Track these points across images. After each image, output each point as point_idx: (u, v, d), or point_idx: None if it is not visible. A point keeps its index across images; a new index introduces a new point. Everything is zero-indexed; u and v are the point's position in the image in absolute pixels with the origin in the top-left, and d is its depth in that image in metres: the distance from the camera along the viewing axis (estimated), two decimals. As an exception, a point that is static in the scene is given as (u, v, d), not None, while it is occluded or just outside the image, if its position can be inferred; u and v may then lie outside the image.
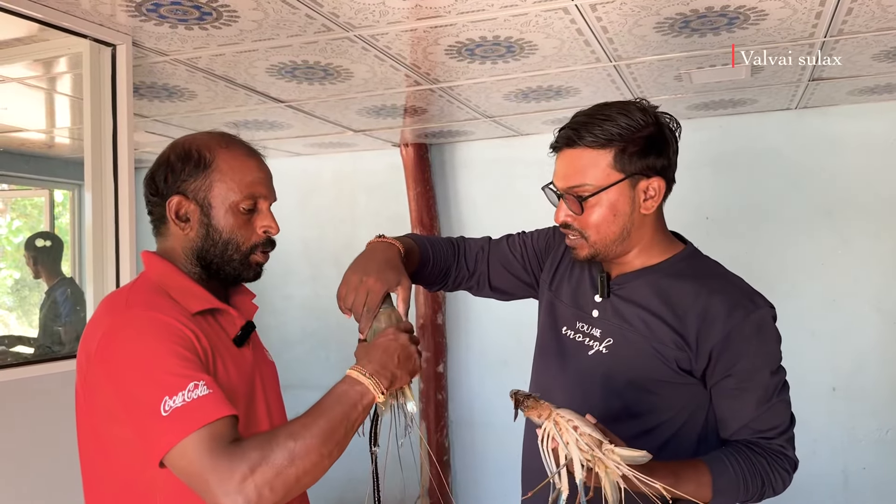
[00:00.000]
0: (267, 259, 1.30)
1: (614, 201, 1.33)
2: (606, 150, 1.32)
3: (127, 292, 1.20)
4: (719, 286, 1.36)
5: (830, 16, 2.05)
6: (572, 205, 1.35)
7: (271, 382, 1.34)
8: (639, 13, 2.00)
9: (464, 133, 3.73)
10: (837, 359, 3.37)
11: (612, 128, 1.31)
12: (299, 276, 4.32)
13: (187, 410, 1.03)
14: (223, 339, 1.23)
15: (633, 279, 1.41)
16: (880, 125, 3.29)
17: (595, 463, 1.05)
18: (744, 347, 1.31)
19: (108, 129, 2.05)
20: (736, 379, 1.32)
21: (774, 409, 1.35)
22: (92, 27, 1.96)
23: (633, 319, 1.38)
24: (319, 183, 4.30)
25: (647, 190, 1.34)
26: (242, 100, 2.82)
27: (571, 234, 1.39)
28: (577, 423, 1.08)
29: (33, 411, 1.93)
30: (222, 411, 1.05)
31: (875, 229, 3.32)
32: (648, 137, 1.33)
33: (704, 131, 3.53)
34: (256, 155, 1.29)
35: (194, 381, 1.05)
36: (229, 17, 1.94)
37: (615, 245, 1.37)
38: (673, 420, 1.37)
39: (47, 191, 4.37)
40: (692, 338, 1.32)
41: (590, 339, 1.42)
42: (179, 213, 1.23)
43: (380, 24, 2.02)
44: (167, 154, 1.26)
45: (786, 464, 1.36)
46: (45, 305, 3.82)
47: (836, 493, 3.37)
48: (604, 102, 1.39)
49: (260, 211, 1.26)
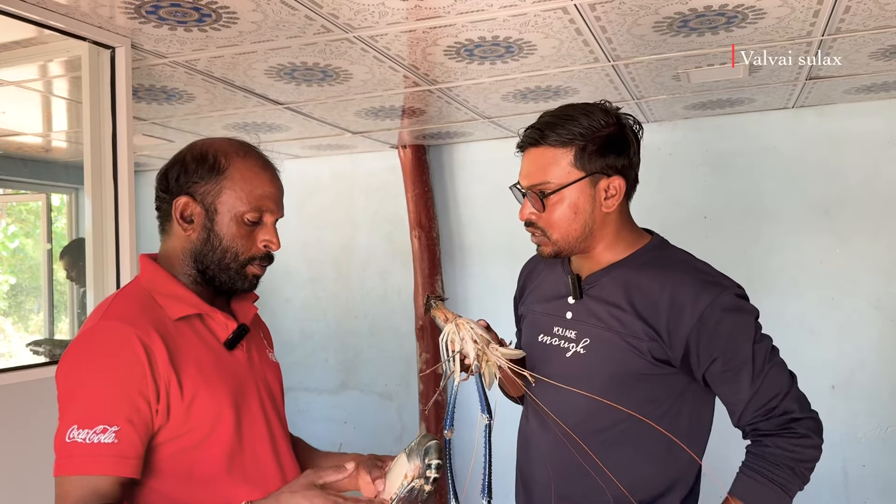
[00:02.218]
0: (263, 272, 1.30)
1: (575, 199, 1.38)
2: (567, 149, 1.37)
3: (112, 300, 1.22)
4: (684, 273, 1.38)
5: (828, 14, 2.05)
6: (535, 202, 1.40)
7: (273, 384, 1.33)
8: (637, 12, 2.00)
9: (462, 134, 3.73)
10: (837, 357, 3.38)
11: (574, 127, 1.37)
12: (298, 279, 4.32)
13: (81, 451, 1.07)
14: (211, 342, 1.23)
15: (601, 276, 1.44)
16: (877, 123, 3.31)
17: (481, 357, 1.29)
18: (720, 328, 1.32)
19: (108, 132, 2.05)
20: (723, 360, 1.33)
21: (770, 376, 1.34)
22: (91, 30, 1.96)
23: (604, 317, 1.40)
24: (318, 185, 4.31)
25: (608, 189, 1.39)
26: (241, 102, 2.81)
27: (536, 233, 1.44)
28: (472, 325, 1.31)
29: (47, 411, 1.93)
30: (112, 468, 1.07)
31: (873, 227, 3.34)
32: (608, 137, 1.38)
33: (702, 131, 3.54)
34: (271, 169, 1.29)
35: (104, 425, 1.08)
36: (228, 19, 1.94)
37: (578, 242, 1.42)
38: (660, 414, 1.38)
39: (44, 195, 4.36)
40: (663, 327, 1.34)
41: (566, 342, 1.45)
42: (185, 213, 1.23)
43: (379, 24, 2.02)
44: (184, 153, 1.27)
45: (800, 429, 1.33)
46: (80, 307, 3.95)
47: (837, 490, 3.38)
48: (570, 104, 1.45)
49: (264, 224, 1.26)
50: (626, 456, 1.39)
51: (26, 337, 4.55)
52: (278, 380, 1.37)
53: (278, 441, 1.28)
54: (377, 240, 4.19)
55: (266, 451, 1.24)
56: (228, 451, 1.19)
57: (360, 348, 4.21)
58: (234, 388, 1.22)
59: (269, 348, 1.40)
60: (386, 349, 4.17)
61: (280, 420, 1.32)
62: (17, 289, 4.83)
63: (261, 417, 1.26)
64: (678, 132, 3.58)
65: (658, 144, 3.58)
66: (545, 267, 1.59)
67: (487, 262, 3.95)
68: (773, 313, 3.39)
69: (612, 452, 1.39)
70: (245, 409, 1.23)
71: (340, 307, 4.26)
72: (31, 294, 4.81)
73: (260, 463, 1.23)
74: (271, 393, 1.32)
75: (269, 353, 1.38)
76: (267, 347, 1.39)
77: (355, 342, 4.22)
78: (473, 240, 4.00)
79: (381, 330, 4.17)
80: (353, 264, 4.23)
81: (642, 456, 1.39)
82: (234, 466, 1.19)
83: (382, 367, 4.18)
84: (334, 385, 4.26)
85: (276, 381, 1.35)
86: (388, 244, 4.15)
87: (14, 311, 4.77)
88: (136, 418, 1.11)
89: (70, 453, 1.08)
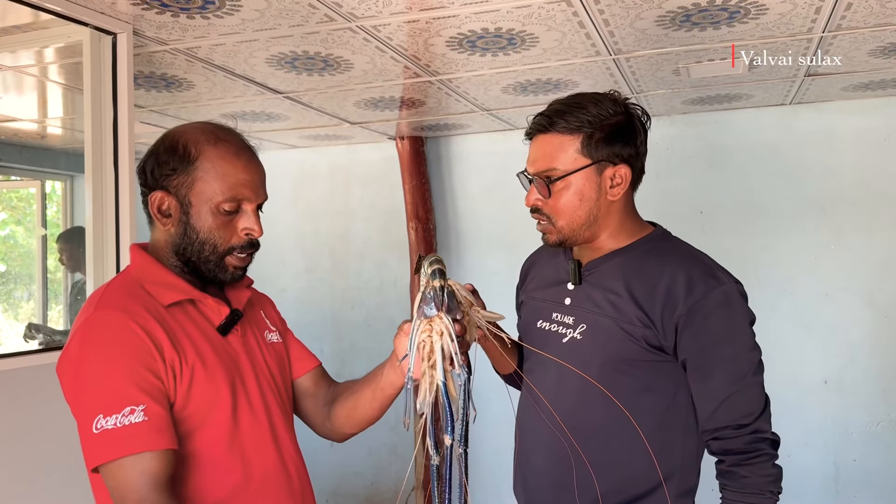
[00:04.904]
0: (247, 262, 1.28)
1: (581, 186, 1.39)
2: (574, 136, 1.38)
3: (103, 290, 1.21)
4: (683, 264, 1.39)
5: (830, 11, 2.06)
6: (541, 188, 1.41)
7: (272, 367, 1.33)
8: (641, 6, 2.00)
9: (460, 126, 3.72)
10: (830, 352, 3.40)
11: (582, 115, 1.38)
12: (294, 269, 4.32)
13: (116, 435, 1.06)
14: (205, 327, 1.23)
15: (601, 263, 1.45)
16: (874, 120, 3.32)
17: (465, 317, 1.27)
18: (707, 322, 1.33)
19: (109, 119, 2.04)
20: (702, 354, 1.33)
21: (750, 392, 1.34)
22: (93, 15, 1.95)
23: (601, 303, 1.41)
24: (315, 175, 4.29)
25: (614, 177, 1.40)
26: (240, 90, 2.80)
27: (542, 220, 1.45)
28: (458, 287, 1.27)
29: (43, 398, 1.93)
30: (151, 444, 1.07)
31: (868, 224, 3.36)
32: (616, 125, 1.39)
33: (700, 126, 3.55)
34: (246, 153, 1.25)
35: (131, 406, 1.07)
36: (232, 6, 1.93)
37: (582, 230, 1.42)
38: (653, 406, 1.39)
39: (39, 182, 4.33)
40: (657, 314, 1.35)
41: (563, 328, 1.46)
42: (161, 208, 1.22)
43: (382, 14, 2.01)
44: (157, 145, 1.25)
45: (768, 448, 1.33)
46: (73, 295, 3.94)
47: (828, 485, 3.41)
48: (580, 93, 1.45)
49: (243, 212, 1.23)
50: (619, 446, 1.39)
51: (16, 325, 4.54)
52: (278, 362, 1.36)
53: (277, 423, 1.28)
54: (374, 231, 4.19)
55: (265, 434, 1.25)
56: (226, 435, 1.19)
57: (355, 339, 4.20)
58: (229, 371, 1.22)
59: (269, 328, 1.39)
60: (381, 340, 4.16)
61: (279, 402, 1.32)
62: (6, 276, 4.80)
63: (258, 400, 1.26)
64: (676, 127, 3.59)
65: (655, 139, 3.58)
66: (548, 257, 1.60)
67: (484, 254, 3.96)
68: (767, 308, 3.42)
69: (606, 441, 1.40)
70: (241, 393, 1.23)
71: (336, 298, 4.26)
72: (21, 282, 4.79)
73: (258, 445, 1.23)
74: (270, 376, 1.31)
75: (268, 335, 1.37)
76: (268, 328, 1.38)
77: (351, 333, 4.21)
78: (470, 232, 4.01)
79: (377, 321, 4.17)
80: (349, 255, 4.22)
81: (636, 447, 1.39)
82: (234, 448, 1.20)
83: (378, 358, 4.09)
84: (329, 375, 4.25)
85: (275, 364, 1.34)
86: (385, 235, 4.15)
87: (4, 298, 4.75)
88: (157, 393, 1.11)
89: (104, 441, 1.07)
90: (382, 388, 1.32)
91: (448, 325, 1.13)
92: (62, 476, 1.91)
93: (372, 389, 1.34)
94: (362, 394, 1.36)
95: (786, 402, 3.35)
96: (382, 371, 1.32)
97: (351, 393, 1.38)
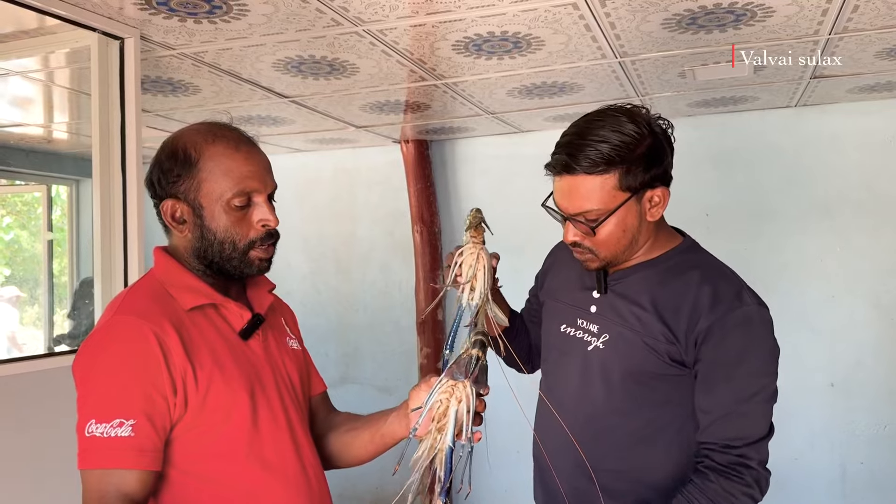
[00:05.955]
0: (271, 253, 1.27)
1: (623, 218, 1.34)
2: (609, 175, 1.30)
3: (126, 293, 1.22)
4: (710, 279, 1.36)
5: (836, 13, 2.06)
6: (582, 228, 1.36)
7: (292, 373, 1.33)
8: (647, 9, 2.00)
9: (465, 129, 3.73)
10: (836, 355, 3.40)
11: (608, 151, 1.29)
12: (299, 272, 4.32)
13: (100, 444, 1.08)
14: (226, 332, 1.23)
15: (629, 274, 1.43)
16: (879, 122, 3.32)
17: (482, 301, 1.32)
18: (724, 340, 1.31)
19: (117, 124, 2.04)
20: (713, 368, 1.32)
21: (751, 415, 1.31)
22: (101, 20, 1.95)
23: (626, 315, 1.39)
24: (319, 179, 4.30)
25: (652, 199, 1.36)
26: (247, 95, 2.81)
27: (582, 251, 1.40)
28: (484, 261, 1.35)
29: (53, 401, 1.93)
30: (130, 462, 1.08)
31: (874, 226, 3.35)
32: (647, 151, 1.32)
33: (705, 129, 3.55)
34: (246, 145, 1.24)
35: (121, 419, 1.08)
36: (239, 11, 1.94)
37: (624, 254, 1.40)
38: (674, 417, 1.38)
39: (45, 186, 4.34)
40: (682, 331, 1.34)
41: (588, 335, 1.45)
42: (175, 216, 1.22)
43: (389, 18, 2.02)
44: (159, 154, 1.24)
45: (748, 477, 1.29)
46: (79, 296, 4.00)
47: (834, 487, 3.40)
48: (593, 116, 1.36)
49: (255, 204, 1.22)
50: (639, 455, 1.39)
51: (20, 329, 4.57)
52: (298, 368, 1.35)
53: (296, 428, 1.28)
54: (378, 234, 4.19)
55: (284, 439, 1.24)
56: (245, 440, 1.19)
57: (360, 342, 4.21)
58: (249, 376, 1.22)
59: (289, 335, 1.39)
60: (386, 344, 4.17)
61: (298, 408, 1.31)
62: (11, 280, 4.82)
63: (278, 405, 1.25)
64: (681, 129, 3.51)
65: (661, 141, 3.58)
66: (572, 258, 1.54)
67: (489, 257, 3.95)
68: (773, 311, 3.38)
69: (627, 450, 1.39)
70: (261, 398, 1.23)
71: (341, 301, 4.26)
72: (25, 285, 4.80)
73: (278, 450, 1.23)
74: (290, 381, 1.31)
75: (288, 341, 1.37)
76: (288, 335, 1.38)
77: (355, 336, 4.22)
78: (475, 235, 4.00)
79: (382, 324, 4.17)
80: (354, 258, 4.23)
81: (656, 456, 1.38)
82: (252, 454, 1.20)
83: (383, 362, 4.18)
84: (334, 379, 4.25)
85: (294, 370, 1.34)
86: (390, 238, 4.15)
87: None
88: (153, 412, 1.11)
89: (89, 447, 1.09)
90: (383, 435, 1.31)
91: (470, 395, 1.10)
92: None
93: (371, 433, 1.33)
94: (360, 434, 1.35)
95: (792, 404, 3.34)
96: (387, 418, 1.31)
97: (349, 429, 1.38)
